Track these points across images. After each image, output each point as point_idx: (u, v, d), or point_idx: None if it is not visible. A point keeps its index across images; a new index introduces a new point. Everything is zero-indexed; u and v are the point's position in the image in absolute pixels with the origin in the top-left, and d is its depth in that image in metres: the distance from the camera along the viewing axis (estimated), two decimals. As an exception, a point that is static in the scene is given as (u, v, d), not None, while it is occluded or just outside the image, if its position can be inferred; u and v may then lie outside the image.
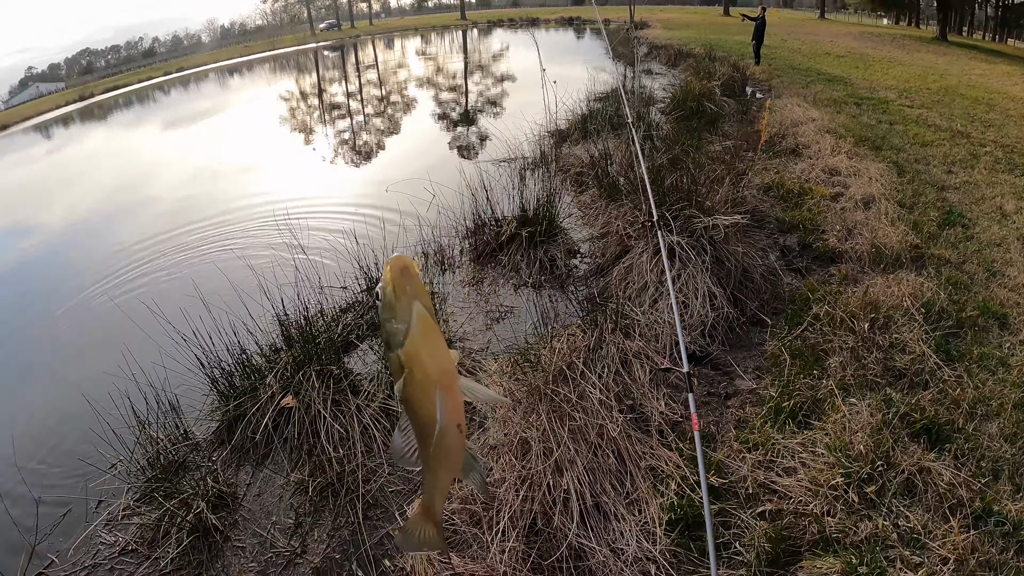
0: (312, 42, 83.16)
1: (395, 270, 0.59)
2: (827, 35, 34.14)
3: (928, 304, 5.02)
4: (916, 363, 4.37)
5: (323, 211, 9.64)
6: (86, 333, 7.31)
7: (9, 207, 18.61)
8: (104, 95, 62.93)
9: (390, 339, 0.59)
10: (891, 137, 10.70)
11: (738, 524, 3.28)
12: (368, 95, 28.12)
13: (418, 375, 0.59)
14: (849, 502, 3.25)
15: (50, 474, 4.77)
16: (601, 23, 10.59)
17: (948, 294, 5.22)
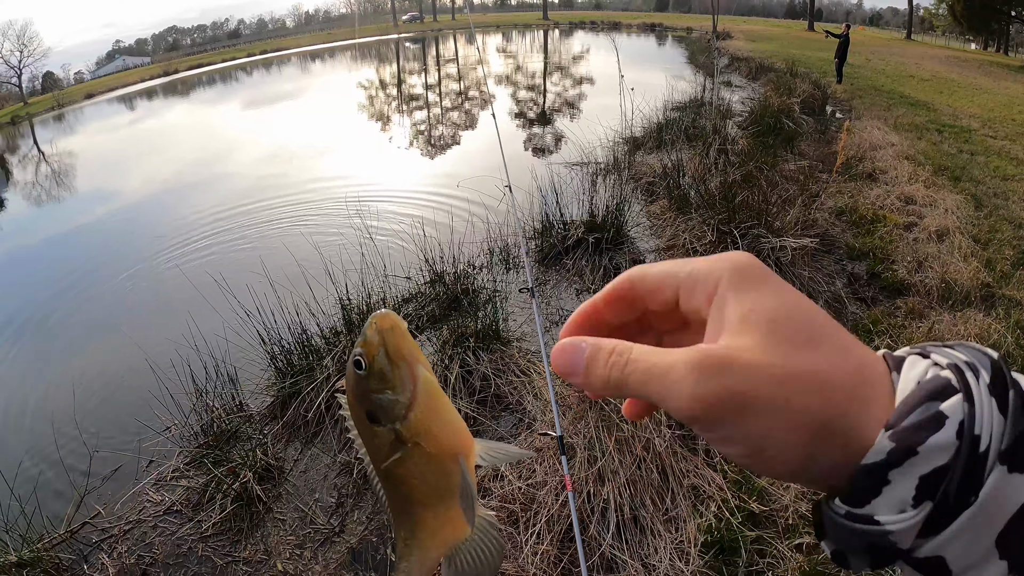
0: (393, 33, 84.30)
1: (386, 331, 0.53)
2: (912, 57, 33.17)
3: (994, 347, 4.84)
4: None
5: (394, 200, 9.78)
6: (155, 299, 7.61)
7: (91, 173, 19.38)
8: (188, 72, 64.92)
9: (382, 413, 0.53)
10: (971, 168, 10.35)
11: (774, 554, 3.23)
12: (446, 88, 28.35)
13: (430, 449, 0.55)
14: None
15: (106, 429, 4.98)
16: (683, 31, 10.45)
17: (1016, 338, 5.03)
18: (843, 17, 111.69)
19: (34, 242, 12.08)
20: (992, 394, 0.39)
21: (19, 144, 34.35)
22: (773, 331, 0.42)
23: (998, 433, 0.38)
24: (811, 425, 0.40)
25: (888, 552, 0.40)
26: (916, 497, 0.38)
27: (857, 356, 0.43)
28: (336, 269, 5.42)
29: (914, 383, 0.41)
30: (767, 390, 0.40)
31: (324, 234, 7.91)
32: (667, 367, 0.43)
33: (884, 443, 0.39)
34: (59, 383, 5.90)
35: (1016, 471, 0.37)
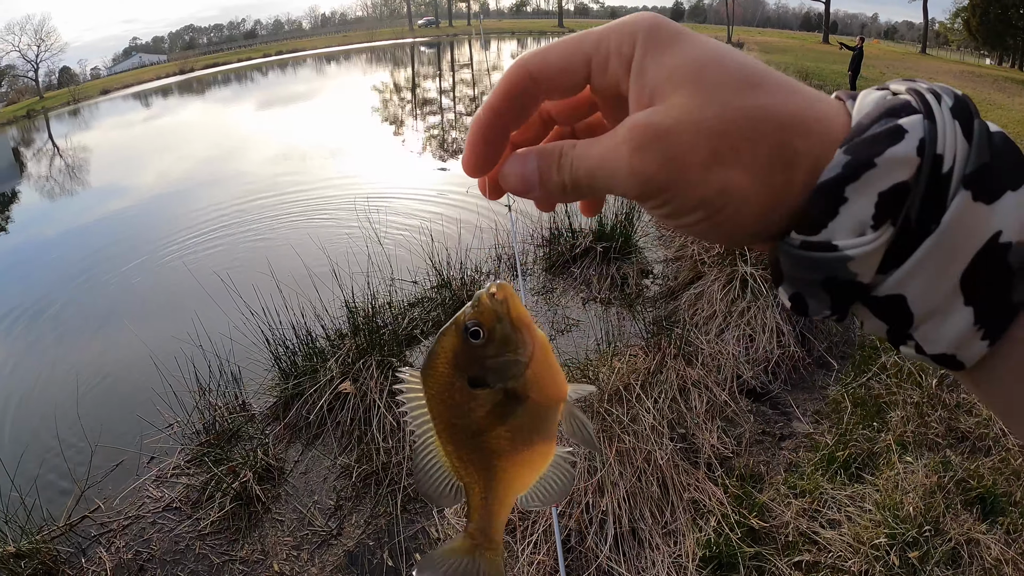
0: (409, 37, 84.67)
1: (509, 297, 0.54)
2: (927, 72, 33.05)
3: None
4: (981, 427, 4.18)
5: (403, 204, 9.79)
6: (160, 295, 7.65)
7: (105, 167, 19.50)
8: (204, 71, 65.43)
9: (495, 376, 0.54)
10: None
11: (772, 571, 3.21)
12: (460, 93, 28.42)
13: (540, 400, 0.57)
14: (890, 564, 3.14)
15: (108, 424, 4.98)
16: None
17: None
18: (858, 30, 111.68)
19: (44, 234, 12.17)
20: (956, 117, 0.36)
21: (34, 137, 34.68)
22: (703, 81, 0.38)
23: (962, 156, 0.35)
24: (766, 168, 0.38)
25: (847, 287, 0.37)
26: (876, 216, 0.36)
27: (805, 93, 0.40)
28: (343, 271, 5.42)
29: (872, 104, 0.39)
30: (709, 144, 0.37)
31: (332, 236, 7.92)
32: (605, 154, 0.40)
33: (840, 158, 0.36)
34: (62, 375, 5.94)
35: (980, 199, 0.35)
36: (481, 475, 0.60)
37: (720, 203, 0.39)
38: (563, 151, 0.43)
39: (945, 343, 0.37)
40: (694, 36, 0.40)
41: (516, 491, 0.61)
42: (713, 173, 0.38)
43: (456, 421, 0.57)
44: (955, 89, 0.38)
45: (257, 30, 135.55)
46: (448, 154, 14.73)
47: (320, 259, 5.90)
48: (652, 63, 0.40)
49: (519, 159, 0.46)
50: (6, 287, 9.03)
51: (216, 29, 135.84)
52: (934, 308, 0.36)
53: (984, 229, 0.34)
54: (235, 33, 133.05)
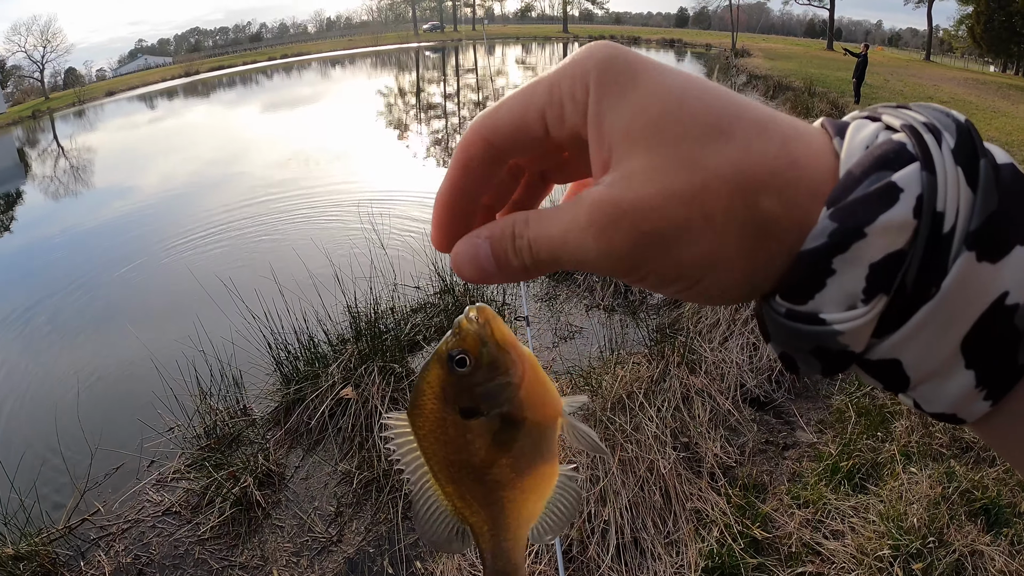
0: (414, 42, 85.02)
1: (490, 320, 0.52)
2: (931, 79, 33.00)
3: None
4: (986, 437, 4.16)
5: (407, 209, 9.78)
6: (162, 299, 7.65)
7: (109, 168, 19.55)
8: (209, 73, 65.68)
9: (487, 402, 0.52)
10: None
11: (776, 582, 3.20)
12: (465, 98, 28.46)
13: (537, 419, 0.55)
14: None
15: (109, 426, 4.98)
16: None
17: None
18: (863, 36, 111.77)
19: (47, 235, 12.19)
20: (958, 163, 0.31)
21: (39, 138, 34.81)
22: (665, 136, 0.34)
23: (966, 210, 0.31)
24: (744, 234, 0.34)
25: (840, 356, 0.34)
26: (867, 290, 0.32)
27: (779, 131, 0.35)
28: (345, 276, 5.42)
29: (861, 149, 0.34)
30: (679, 217, 0.34)
31: (335, 240, 7.93)
32: (565, 232, 0.37)
33: (825, 224, 0.32)
34: (63, 376, 5.95)
35: (986, 259, 0.31)
36: (488, 512, 0.58)
37: (698, 274, 0.36)
38: (516, 231, 0.39)
39: (944, 404, 0.34)
40: (652, 72, 0.36)
41: (527, 522, 0.59)
42: (686, 246, 0.35)
43: (453, 457, 0.55)
44: (956, 116, 0.34)
45: (262, 33, 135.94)
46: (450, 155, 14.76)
47: (323, 263, 5.89)
48: (608, 111, 0.36)
49: (469, 247, 0.41)
50: (7, 287, 9.05)
51: (221, 32, 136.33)
52: (932, 372, 0.33)
53: (989, 291, 0.31)
54: (240, 36, 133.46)
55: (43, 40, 77.23)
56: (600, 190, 0.36)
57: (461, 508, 0.58)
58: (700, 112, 0.35)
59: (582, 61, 0.37)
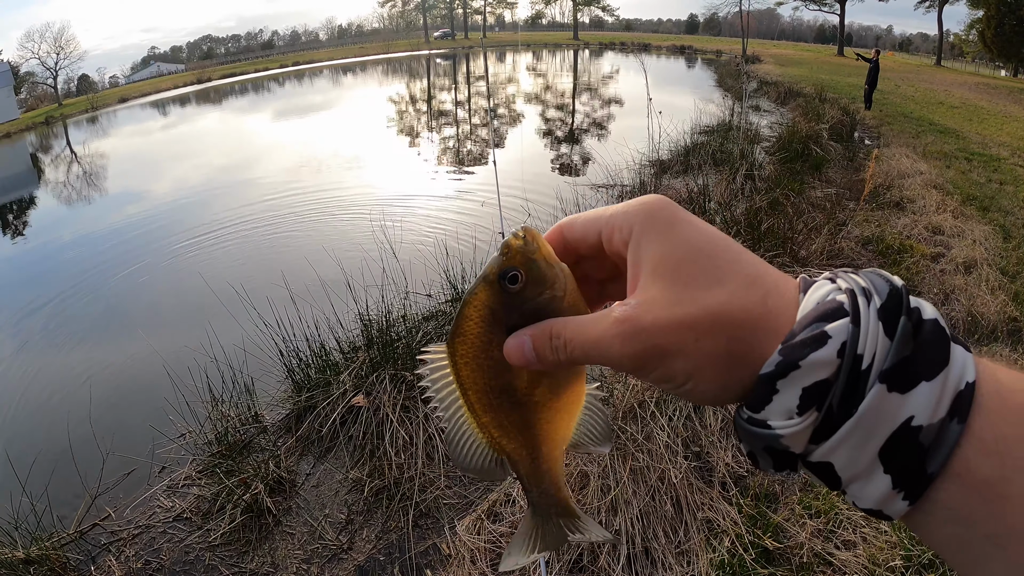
0: (425, 49, 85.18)
1: (535, 238, 0.56)
2: (942, 84, 32.88)
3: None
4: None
5: (418, 216, 9.82)
6: (175, 305, 7.70)
7: (122, 173, 19.67)
8: (221, 80, 65.99)
9: (541, 313, 0.55)
10: (1000, 198, 10.17)
11: (789, 593, 3.17)
12: (476, 105, 28.50)
13: None
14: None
15: (121, 431, 5.01)
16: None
17: (1043, 374, 4.88)
18: (873, 42, 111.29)
19: (59, 240, 12.30)
20: (881, 318, 0.42)
21: (52, 144, 35.04)
22: (679, 278, 0.48)
23: (882, 354, 0.42)
24: (721, 359, 0.46)
25: (784, 455, 0.46)
26: (800, 407, 0.43)
27: (764, 287, 0.47)
28: (357, 283, 5.43)
29: (813, 304, 0.46)
30: (679, 338, 0.46)
31: (346, 247, 7.95)
32: (598, 338, 0.50)
33: (775, 357, 0.44)
34: (75, 382, 5.99)
35: (895, 390, 0.41)
36: (525, 436, 0.60)
37: (687, 381, 0.48)
38: (554, 332, 0.53)
39: (870, 501, 0.44)
40: (684, 224, 0.50)
41: (563, 441, 0.62)
42: (681, 360, 0.47)
43: (495, 383, 0.58)
44: (894, 282, 0.45)
45: (274, 41, 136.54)
46: (462, 167, 14.76)
47: (335, 270, 5.90)
48: (645, 246, 0.50)
49: (517, 341, 0.54)
50: (20, 292, 9.12)
51: (234, 39, 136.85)
52: (857, 474, 0.43)
53: (898, 415, 0.41)
54: (252, 44, 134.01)
55: (56, 47, 77.72)
56: (627, 310, 0.49)
57: (498, 437, 0.61)
58: (708, 265, 0.48)
59: (635, 207, 0.52)
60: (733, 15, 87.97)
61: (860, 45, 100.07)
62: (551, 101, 28.13)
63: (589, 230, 0.55)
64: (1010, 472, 0.40)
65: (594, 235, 0.55)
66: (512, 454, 0.61)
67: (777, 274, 0.49)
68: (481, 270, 0.56)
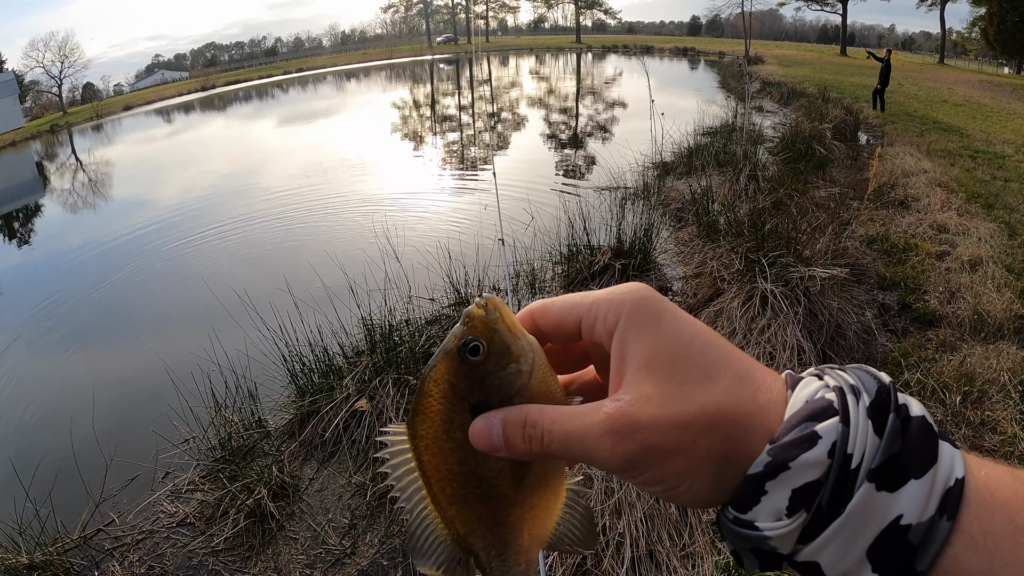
0: (428, 54, 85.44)
1: (499, 306, 0.52)
2: (945, 82, 32.78)
3: (1027, 382, 4.70)
4: (1006, 445, 4.08)
5: (421, 221, 9.82)
6: (178, 311, 7.73)
7: (126, 180, 19.75)
8: (225, 88, 66.27)
9: (499, 395, 0.50)
10: (1005, 195, 10.12)
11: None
12: (479, 110, 28.54)
13: None
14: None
15: (124, 438, 5.02)
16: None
17: (1049, 372, 4.86)
18: (876, 41, 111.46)
19: (65, 247, 12.35)
20: (869, 416, 0.42)
21: (57, 152, 35.20)
22: (672, 375, 0.46)
23: (871, 453, 0.41)
24: (716, 459, 0.45)
25: (771, 555, 0.45)
26: (789, 508, 0.42)
27: (753, 383, 0.47)
28: (360, 288, 5.43)
29: (802, 402, 0.45)
30: (675, 438, 0.45)
31: (349, 252, 7.97)
32: (583, 433, 0.47)
33: (764, 457, 0.43)
34: (79, 387, 6.01)
35: (884, 489, 0.40)
36: (494, 536, 0.55)
37: (678, 481, 0.46)
38: (529, 420, 0.49)
39: None
40: (671, 318, 0.49)
41: (539, 543, 0.56)
42: (674, 460, 0.45)
43: (458, 469, 0.53)
44: (882, 379, 0.44)
45: (278, 47, 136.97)
46: (466, 171, 14.76)
47: (338, 275, 5.89)
48: (633, 341, 0.48)
49: (485, 425, 0.50)
50: (24, 298, 9.15)
51: (237, 47, 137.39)
52: (845, 573, 0.42)
53: (886, 513, 0.40)
54: (256, 51, 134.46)
55: (61, 55, 78.20)
56: (620, 406, 0.46)
57: (465, 534, 0.55)
58: (700, 361, 0.47)
59: (620, 295, 0.50)
60: (735, 16, 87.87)
61: (863, 44, 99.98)
62: (554, 105, 28.13)
63: (567, 317, 0.52)
64: (998, 567, 0.39)
65: (572, 323, 0.52)
66: (480, 553, 0.56)
67: (764, 369, 0.48)
68: (442, 344, 0.52)
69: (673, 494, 0.47)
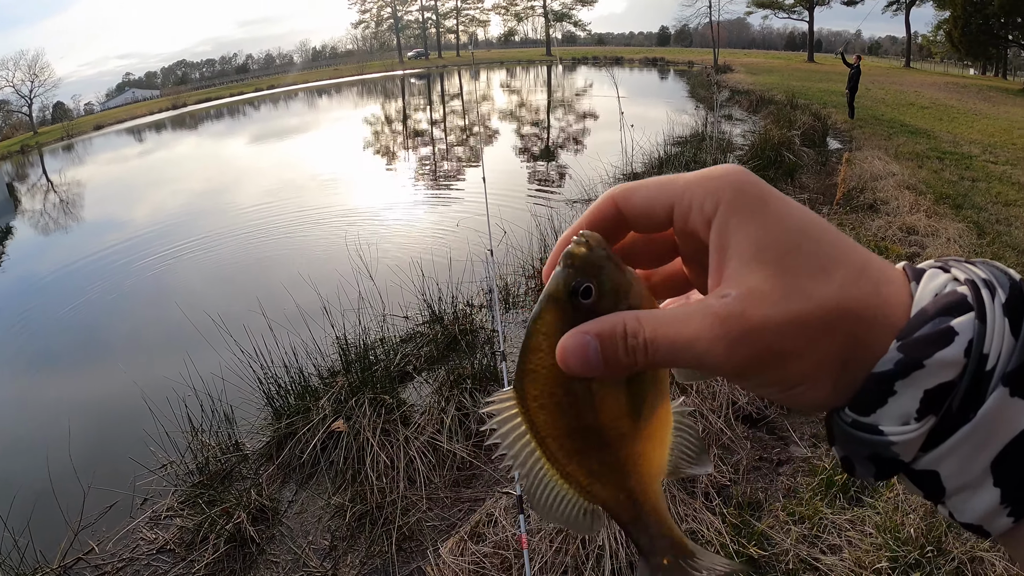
0: (399, 69, 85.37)
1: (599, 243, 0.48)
2: (912, 85, 33.38)
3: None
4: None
5: (394, 239, 9.81)
6: (150, 334, 7.65)
7: (99, 200, 19.57)
8: (196, 106, 65.84)
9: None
10: (973, 195, 10.33)
11: (775, 601, 3.18)
12: (451, 124, 28.62)
13: None
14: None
15: (101, 464, 4.96)
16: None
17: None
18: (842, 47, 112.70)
19: (37, 270, 12.18)
20: (1006, 314, 0.38)
21: (28, 173, 34.79)
22: (785, 268, 0.41)
23: (1007, 354, 0.37)
24: (838, 359, 0.41)
25: (890, 463, 0.41)
26: (920, 410, 0.39)
27: (874, 273, 0.42)
28: (334, 307, 5.42)
29: (931, 296, 0.41)
30: (794, 338, 0.40)
31: (322, 272, 7.92)
32: (692, 338, 0.42)
33: (893, 354, 0.39)
34: (54, 414, 5.93)
35: (1018, 395, 0.37)
36: (618, 479, 0.52)
37: (794, 384, 0.42)
38: (628, 330, 0.44)
39: (973, 515, 0.40)
40: (775, 205, 0.43)
41: (659, 474, 0.53)
42: (793, 363, 0.41)
43: (576, 424, 0.49)
44: (1012, 275, 0.40)
45: (249, 65, 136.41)
46: (438, 187, 14.77)
47: (311, 295, 5.88)
48: (735, 229, 0.43)
49: (578, 343, 0.44)
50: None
51: (208, 64, 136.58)
52: (965, 485, 0.39)
53: (1018, 422, 0.37)
54: (227, 68, 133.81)
55: (31, 74, 77.35)
56: (730, 304, 0.41)
57: (588, 485, 0.52)
58: (814, 251, 0.42)
59: (717, 178, 0.44)
60: (704, 26, 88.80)
61: (830, 51, 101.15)
62: (526, 117, 28.23)
63: (655, 202, 0.46)
64: None
65: (662, 209, 0.46)
66: (608, 501, 0.52)
67: (881, 260, 0.43)
68: (543, 291, 0.48)
69: (788, 396, 0.43)
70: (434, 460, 4.33)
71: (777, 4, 77.32)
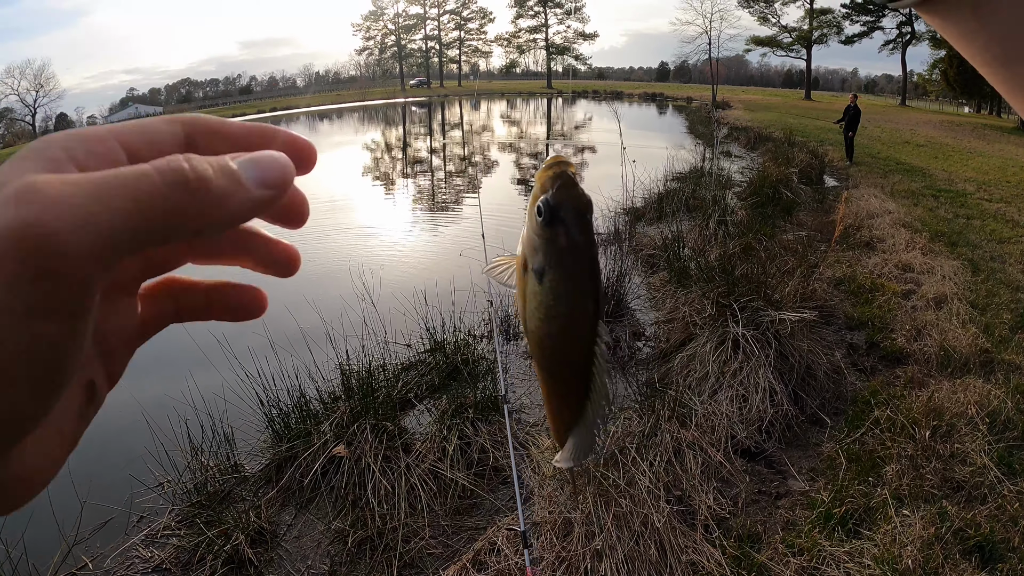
0: (401, 97, 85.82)
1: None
2: (907, 123, 33.78)
3: (994, 413, 4.81)
4: (976, 475, 4.18)
5: (397, 266, 9.84)
6: (153, 353, 7.58)
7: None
8: (197, 125, 65.83)
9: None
10: (967, 233, 10.45)
11: (776, 634, 3.19)
12: (451, 153, 28.75)
13: None
14: (893, 622, 3.13)
15: (97, 480, 4.88)
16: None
17: (1016, 403, 4.98)
18: (839, 85, 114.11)
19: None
20: None
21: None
22: None
23: None
24: None
25: None
26: None
27: None
28: (337, 332, 5.43)
29: None
30: None
31: (326, 296, 7.94)
32: None
33: None
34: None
35: None
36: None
37: None
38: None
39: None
40: None
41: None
42: None
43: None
44: None
45: (252, 86, 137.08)
46: (439, 215, 14.83)
47: (314, 319, 5.89)
48: None
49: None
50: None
51: (212, 84, 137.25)
52: None
53: None
54: (231, 88, 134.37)
55: (36, 84, 77.81)
56: None
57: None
58: None
59: None
60: (703, 63, 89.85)
61: (827, 89, 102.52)
62: (525, 149, 28.40)
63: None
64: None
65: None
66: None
67: None
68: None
69: None
70: (435, 488, 4.33)
71: (775, 43, 78.26)
